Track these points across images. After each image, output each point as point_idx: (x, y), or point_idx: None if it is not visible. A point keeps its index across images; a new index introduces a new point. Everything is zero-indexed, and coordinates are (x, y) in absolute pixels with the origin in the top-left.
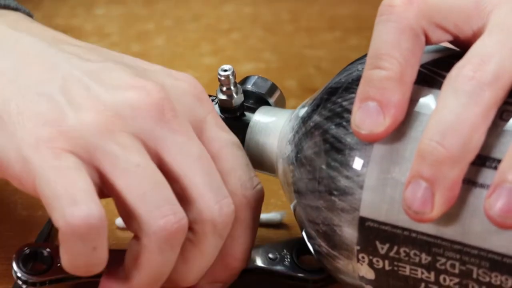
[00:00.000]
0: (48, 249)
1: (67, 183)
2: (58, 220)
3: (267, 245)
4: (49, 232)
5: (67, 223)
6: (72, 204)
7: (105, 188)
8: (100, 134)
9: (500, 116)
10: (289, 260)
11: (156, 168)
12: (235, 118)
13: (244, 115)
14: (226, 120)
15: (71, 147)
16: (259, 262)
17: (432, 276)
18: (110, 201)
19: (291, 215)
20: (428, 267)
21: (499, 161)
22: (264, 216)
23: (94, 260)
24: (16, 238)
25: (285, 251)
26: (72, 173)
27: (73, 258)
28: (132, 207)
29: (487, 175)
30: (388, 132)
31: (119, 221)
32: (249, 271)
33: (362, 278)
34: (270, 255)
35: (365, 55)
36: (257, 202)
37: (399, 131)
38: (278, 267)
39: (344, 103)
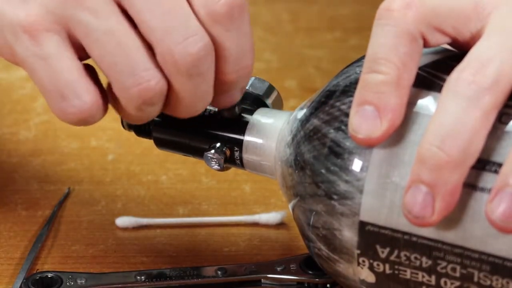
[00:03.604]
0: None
1: (52, 76)
2: (54, 112)
3: (274, 260)
4: (49, 233)
5: (63, 117)
6: (62, 100)
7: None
8: (67, 2)
9: (500, 119)
10: (296, 268)
11: (128, 29)
12: (233, 120)
13: (242, 117)
14: (225, 122)
15: (47, 25)
16: (267, 273)
17: (433, 280)
18: (109, 201)
19: (291, 215)
20: (429, 271)
21: (499, 164)
22: (264, 216)
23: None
24: (16, 238)
25: (293, 263)
26: (55, 62)
27: None
28: (107, 77)
29: (487, 179)
30: (385, 137)
31: (119, 221)
32: (258, 283)
33: (362, 281)
34: (278, 268)
35: (363, 57)
36: (238, 8)
37: (398, 134)
38: (287, 276)
39: (343, 107)
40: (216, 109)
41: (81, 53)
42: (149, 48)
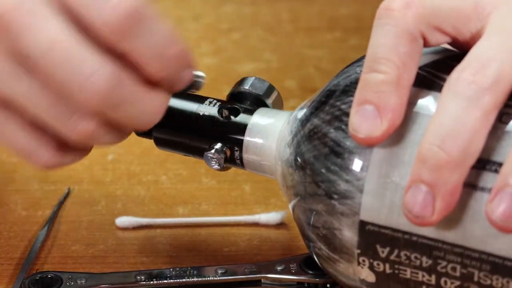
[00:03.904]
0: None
1: (11, 144)
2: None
3: (274, 260)
4: (49, 233)
5: (39, 169)
6: (29, 157)
7: None
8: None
9: (500, 119)
10: (296, 268)
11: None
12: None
13: (243, 117)
14: (225, 122)
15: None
16: (267, 273)
17: (433, 279)
18: (109, 201)
19: (291, 215)
20: (429, 270)
21: (499, 164)
22: (264, 216)
23: None
24: (16, 238)
25: (293, 263)
26: (7, 133)
27: None
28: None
29: (487, 179)
30: (385, 136)
31: (119, 221)
32: (258, 283)
33: (363, 281)
34: (278, 268)
35: (364, 57)
36: (125, 21)
37: (398, 134)
38: (287, 276)
39: (343, 106)
40: (216, 112)
41: None
42: None
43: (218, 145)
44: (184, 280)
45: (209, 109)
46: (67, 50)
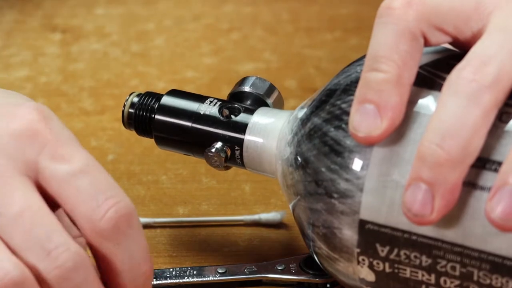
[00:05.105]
0: None
1: None
2: None
3: (274, 260)
4: None
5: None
6: None
7: None
8: None
9: (500, 118)
10: (296, 268)
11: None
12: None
13: (243, 116)
14: (226, 121)
15: None
16: (267, 273)
17: (432, 279)
18: None
19: (291, 215)
20: (429, 270)
21: (499, 163)
22: (264, 216)
23: None
24: None
25: (293, 263)
26: None
27: None
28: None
29: (487, 178)
30: (385, 135)
31: None
32: (258, 283)
33: (362, 280)
34: (278, 268)
35: (364, 56)
36: (124, 219)
37: (399, 133)
38: (287, 276)
39: (343, 105)
40: (217, 111)
41: None
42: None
43: (219, 144)
44: (184, 280)
45: (210, 109)
46: (36, 221)
